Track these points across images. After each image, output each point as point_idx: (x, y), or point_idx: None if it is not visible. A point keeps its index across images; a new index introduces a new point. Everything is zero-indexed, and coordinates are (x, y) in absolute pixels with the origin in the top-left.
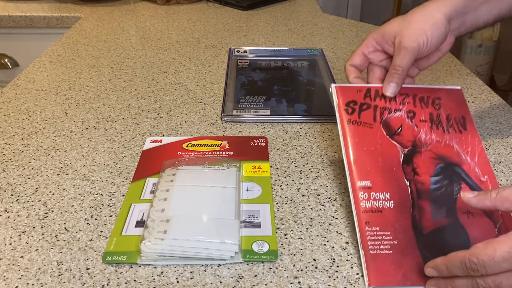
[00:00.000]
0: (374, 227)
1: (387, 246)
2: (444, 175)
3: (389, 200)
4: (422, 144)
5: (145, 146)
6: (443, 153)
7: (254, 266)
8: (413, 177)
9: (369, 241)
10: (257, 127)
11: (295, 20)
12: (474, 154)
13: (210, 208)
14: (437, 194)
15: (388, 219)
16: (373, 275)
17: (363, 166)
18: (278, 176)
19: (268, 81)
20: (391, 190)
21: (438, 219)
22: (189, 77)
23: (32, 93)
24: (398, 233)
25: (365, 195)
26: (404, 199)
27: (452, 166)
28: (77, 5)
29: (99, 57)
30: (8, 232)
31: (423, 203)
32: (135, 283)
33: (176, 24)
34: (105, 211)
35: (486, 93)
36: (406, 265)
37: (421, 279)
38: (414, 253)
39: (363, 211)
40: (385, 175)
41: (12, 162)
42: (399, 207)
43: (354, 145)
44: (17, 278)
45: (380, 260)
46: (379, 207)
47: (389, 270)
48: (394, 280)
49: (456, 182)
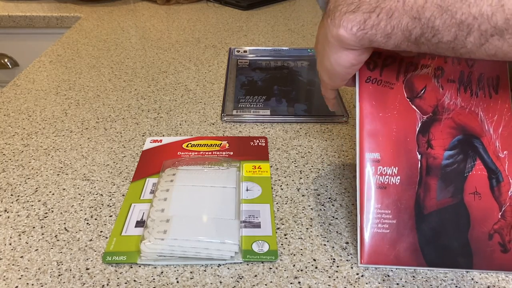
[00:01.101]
0: (376, 204)
1: (385, 225)
2: (460, 149)
3: (396, 176)
4: (445, 110)
5: (145, 146)
6: (464, 122)
7: (254, 266)
8: (426, 150)
9: (368, 218)
10: (257, 127)
11: (295, 20)
12: (499, 125)
13: (210, 208)
14: (447, 170)
15: (391, 197)
16: (366, 253)
17: (375, 136)
18: (278, 176)
19: (268, 81)
20: (400, 165)
21: (442, 199)
22: (189, 77)
23: (32, 93)
24: (399, 212)
25: (372, 169)
26: (412, 175)
27: (471, 139)
28: (77, 5)
29: (99, 57)
30: (8, 232)
31: (430, 181)
32: (135, 283)
33: (176, 24)
34: (105, 211)
35: None
36: (400, 245)
37: (413, 260)
38: (410, 233)
39: (367, 186)
40: (397, 146)
41: (12, 162)
42: (405, 184)
43: (370, 110)
44: (17, 278)
45: (376, 239)
46: (384, 183)
47: (383, 249)
48: (386, 259)
49: (471, 158)
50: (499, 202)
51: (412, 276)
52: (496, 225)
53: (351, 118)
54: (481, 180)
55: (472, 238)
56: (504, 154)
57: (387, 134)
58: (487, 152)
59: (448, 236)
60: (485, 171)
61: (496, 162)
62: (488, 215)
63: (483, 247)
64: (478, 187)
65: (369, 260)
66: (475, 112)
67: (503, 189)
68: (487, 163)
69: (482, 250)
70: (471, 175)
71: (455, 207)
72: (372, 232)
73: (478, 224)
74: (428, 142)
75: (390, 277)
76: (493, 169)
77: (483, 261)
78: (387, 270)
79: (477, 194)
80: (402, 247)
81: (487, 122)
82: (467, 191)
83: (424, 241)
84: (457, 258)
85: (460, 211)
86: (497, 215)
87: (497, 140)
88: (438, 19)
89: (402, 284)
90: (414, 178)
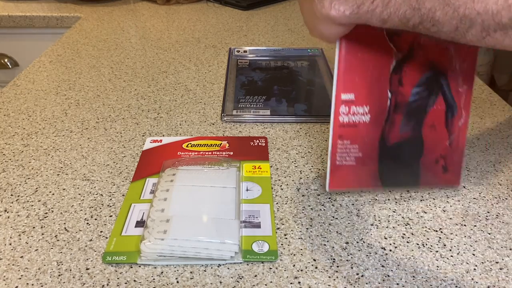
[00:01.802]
0: (346, 141)
1: (351, 158)
2: (426, 86)
3: (367, 114)
4: (420, 46)
5: (145, 146)
6: (435, 59)
7: (254, 266)
8: (397, 88)
9: (337, 154)
10: (257, 127)
11: (295, 20)
12: (465, 59)
13: (210, 208)
14: (412, 107)
15: (360, 133)
16: (334, 181)
17: (352, 77)
18: (278, 176)
19: (268, 81)
20: (371, 103)
21: (403, 133)
22: (189, 77)
23: (32, 93)
24: (365, 146)
25: (345, 109)
26: (381, 113)
27: (438, 76)
28: (77, 5)
29: (99, 57)
30: (8, 232)
31: (396, 117)
32: (135, 283)
33: (176, 24)
34: (105, 211)
35: (486, 93)
36: (363, 173)
37: (372, 184)
38: (373, 163)
39: (339, 125)
40: (371, 86)
41: (12, 162)
42: (374, 121)
43: (350, 49)
44: (17, 278)
45: (343, 170)
46: (355, 121)
47: (348, 177)
48: (349, 184)
49: (435, 94)
50: (449, 132)
51: (412, 276)
52: (443, 151)
53: None
54: (439, 114)
55: (422, 163)
56: (463, 88)
57: (364, 74)
58: (450, 88)
59: (403, 163)
60: (444, 106)
61: (455, 97)
62: (438, 144)
63: (430, 170)
64: (435, 121)
65: (335, 186)
66: (447, 48)
67: (455, 121)
68: (447, 98)
69: (429, 172)
70: (431, 110)
71: (413, 139)
72: (340, 164)
73: (429, 152)
74: (399, 80)
75: (390, 277)
76: (451, 104)
77: (428, 179)
78: (387, 270)
79: (433, 127)
80: (364, 174)
81: (457, 57)
82: (426, 124)
83: (382, 168)
84: (408, 180)
85: (416, 142)
86: (445, 144)
87: (461, 75)
88: (439, 11)
89: (402, 284)
90: (383, 116)
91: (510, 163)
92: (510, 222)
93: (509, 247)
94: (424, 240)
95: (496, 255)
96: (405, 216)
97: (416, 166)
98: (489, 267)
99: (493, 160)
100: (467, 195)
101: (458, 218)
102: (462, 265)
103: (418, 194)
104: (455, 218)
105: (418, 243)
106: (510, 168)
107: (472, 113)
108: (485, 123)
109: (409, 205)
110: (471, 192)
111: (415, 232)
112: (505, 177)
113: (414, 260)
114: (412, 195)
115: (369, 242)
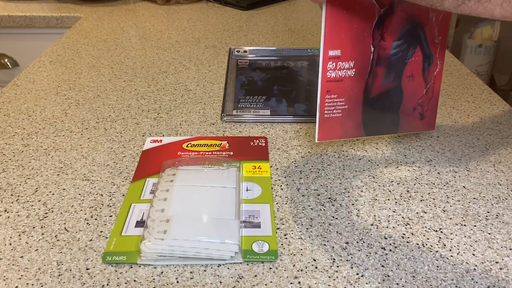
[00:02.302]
0: (333, 95)
1: (338, 111)
2: (405, 39)
3: (352, 69)
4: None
5: (145, 146)
6: (414, 12)
7: (254, 266)
8: (379, 42)
9: (326, 107)
10: (257, 127)
11: (295, 20)
12: (440, 12)
13: (210, 208)
14: (393, 59)
15: (346, 87)
16: (322, 132)
17: (338, 33)
18: (278, 176)
19: (268, 81)
20: (356, 58)
21: (385, 84)
22: (189, 77)
23: (32, 93)
24: (350, 98)
25: (333, 65)
26: (365, 67)
27: (416, 29)
28: (77, 5)
29: (99, 57)
30: (8, 232)
31: (378, 69)
32: (135, 283)
33: (176, 24)
34: (105, 211)
35: (486, 93)
36: (348, 123)
37: (357, 133)
38: (357, 114)
39: (327, 81)
40: (355, 42)
41: (12, 162)
42: (358, 75)
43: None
44: (17, 278)
45: (330, 122)
46: (341, 76)
47: (335, 128)
48: (336, 135)
49: (413, 46)
50: (426, 81)
51: (412, 276)
52: (420, 99)
53: None
54: (417, 64)
55: (401, 112)
56: (438, 39)
57: (349, 30)
58: (427, 40)
59: (384, 113)
60: (421, 57)
61: (431, 48)
62: (416, 93)
63: (408, 117)
64: (414, 71)
65: (323, 137)
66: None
67: (431, 70)
68: (424, 49)
69: (407, 119)
70: (410, 61)
71: (394, 90)
72: (328, 116)
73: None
74: (381, 34)
75: (390, 277)
76: (428, 55)
77: (406, 126)
78: (387, 270)
79: (412, 77)
80: (349, 124)
81: (432, 11)
82: (405, 75)
83: (366, 118)
84: (388, 127)
85: (396, 92)
86: (422, 92)
87: (437, 27)
88: None
89: (402, 284)
90: (366, 69)
91: (510, 163)
92: (510, 222)
93: (509, 247)
94: (424, 240)
95: (496, 255)
96: (405, 216)
97: (396, 115)
98: (489, 267)
99: (493, 160)
100: (467, 195)
101: (458, 218)
102: (462, 265)
103: (418, 194)
104: (455, 218)
105: (418, 243)
106: (510, 168)
107: (472, 113)
108: (485, 123)
109: (409, 205)
110: (471, 192)
111: (415, 232)
112: (505, 177)
113: (414, 260)
114: (412, 195)
115: (369, 242)
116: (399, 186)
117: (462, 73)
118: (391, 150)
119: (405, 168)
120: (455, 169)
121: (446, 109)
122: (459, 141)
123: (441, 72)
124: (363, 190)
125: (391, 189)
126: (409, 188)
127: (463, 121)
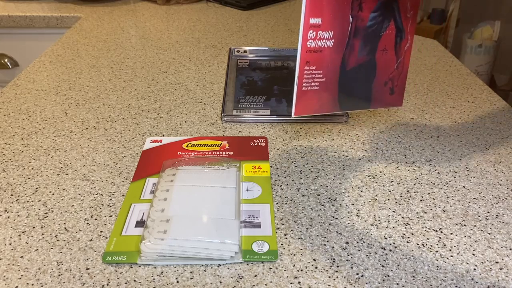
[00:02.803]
0: (312, 67)
1: (316, 83)
2: (381, 11)
3: (331, 39)
4: None
5: (145, 146)
6: None
7: (254, 266)
8: (357, 12)
9: (304, 79)
10: (257, 127)
11: (295, 20)
12: None
13: (210, 208)
14: (369, 31)
15: (324, 59)
16: (299, 107)
17: (319, 1)
18: (278, 176)
19: (268, 81)
20: (335, 29)
21: (360, 57)
22: (189, 77)
23: (32, 93)
24: (328, 71)
25: (313, 34)
26: (343, 38)
27: (391, 2)
28: (77, 5)
29: (99, 57)
30: (8, 232)
31: (355, 41)
32: (135, 283)
33: (176, 24)
34: (105, 211)
35: (486, 93)
36: (324, 97)
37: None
38: (334, 88)
39: (307, 51)
40: (335, 10)
41: (12, 162)
42: (336, 46)
43: None
44: (17, 278)
45: (308, 95)
46: (321, 46)
47: (312, 102)
48: (312, 109)
49: (387, 19)
50: (397, 56)
51: (412, 276)
52: (391, 74)
53: (351, 118)
54: (390, 38)
55: (374, 86)
56: (410, 14)
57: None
58: (400, 14)
59: (358, 87)
60: (394, 30)
61: (404, 22)
62: (388, 67)
63: (379, 92)
64: (387, 45)
65: (300, 111)
66: None
67: (402, 45)
68: (398, 23)
69: (378, 94)
70: (384, 35)
71: (368, 63)
72: (306, 89)
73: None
74: (360, 5)
75: (390, 277)
76: (400, 29)
77: (377, 101)
78: (387, 270)
79: (385, 51)
80: (326, 98)
81: None
82: (379, 48)
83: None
84: (362, 103)
85: (371, 65)
86: (393, 66)
87: (409, 1)
88: None
89: (402, 284)
90: (344, 41)
91: (510, 163)
92: (510, 222)
93: (509, 247)
94: (424, 240)
95: (496, 255)
96: (405, 216)
97: (369, 89)
98: (489, 267)
99: (493, 160)
100: (467, 195)
101: (458, 218)
102: (462, 265)
103: (418, 194)
104: (455, 218)
105: (418, 243)
106: (510, 168)
107: (472, 113)
108: (485, 123)
109: (409, 205)
110: (471, 192)
111: (415, 232)
112: (505, 177)
113: (414, 260)
114: (412, 195)
115: (369, 242)
116: (399, 186)
117: (462, 73)
118: (391, 150)
119: (405, 168)
120: (455, 169)
121: (446, 109)
122: (459, 141)
123: (410, 47)
124: (363, 190)
125: (391, 189)
126: (409, 188)
127: (463, 121)
